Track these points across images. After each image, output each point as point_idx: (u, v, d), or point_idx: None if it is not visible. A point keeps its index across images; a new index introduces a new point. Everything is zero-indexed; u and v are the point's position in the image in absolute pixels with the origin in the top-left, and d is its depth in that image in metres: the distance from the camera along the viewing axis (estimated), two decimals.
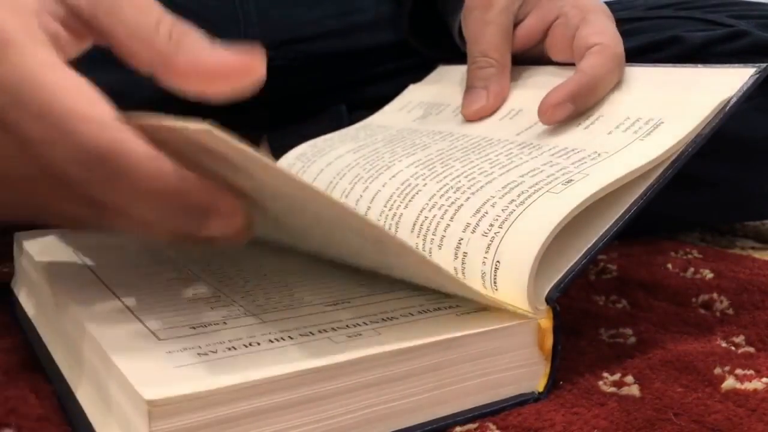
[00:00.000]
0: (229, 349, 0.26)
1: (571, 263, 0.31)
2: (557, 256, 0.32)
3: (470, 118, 0.44)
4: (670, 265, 0.50)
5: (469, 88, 0.45)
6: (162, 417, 0.23)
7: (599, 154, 0.34)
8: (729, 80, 0.36)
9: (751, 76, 0.36)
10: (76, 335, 0.30)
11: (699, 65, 0.38)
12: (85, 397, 0.28)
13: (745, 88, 0.35)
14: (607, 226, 0.32)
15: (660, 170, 0.33)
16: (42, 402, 0.29)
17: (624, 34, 0.43)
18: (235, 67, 0.26)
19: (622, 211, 0.32)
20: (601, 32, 0.43)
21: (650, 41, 0.55)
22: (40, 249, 0.38)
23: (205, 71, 0.26)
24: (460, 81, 0.48)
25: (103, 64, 0.43)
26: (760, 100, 0.52)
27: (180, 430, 0.23)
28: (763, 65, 0.36)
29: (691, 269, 0.49)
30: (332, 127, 0.53)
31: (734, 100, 0.35)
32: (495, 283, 0.31)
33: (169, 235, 0.27)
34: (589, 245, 0.31)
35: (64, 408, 0.28)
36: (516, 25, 0.46)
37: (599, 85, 0.40)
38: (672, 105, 0.36)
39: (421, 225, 0.34)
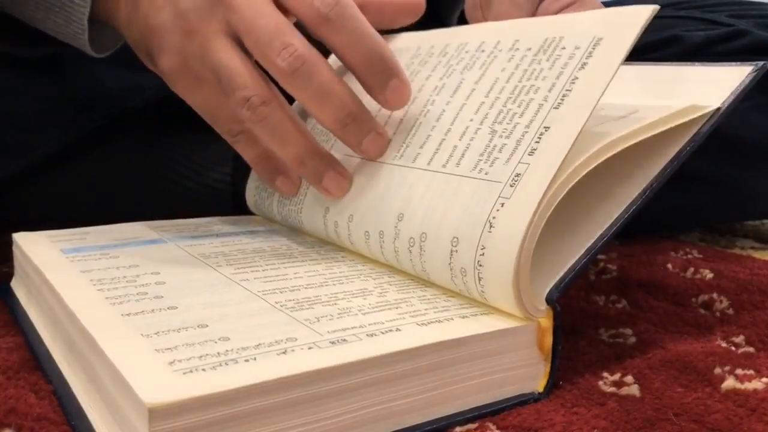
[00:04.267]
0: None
1: (571, 263, 0.31)
2: (557, 256, 0.32)
3: None
4: (670, 265, 0.50)
5: None
6: (162, 419, 0.23)
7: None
8: (727, 79, 0.36)
9: (749, 74, 0.36)
10: (75, 335, 0.30)
11: (696, 63, 0.38)
12: (84, 396, 0.28)
13: (742, 87, 0.35)
14: (607, 226, 0.32)
15: (660, 167, 0.33)
16: (41, 402, 0.29)
17: None
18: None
19: (622, 210, 0.32)
20: (582, 5, 0.43)
21: (649, 41, 0.55)
22: (39, 249, 0.38)
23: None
24: None
25: (108, 64, 0.43)
26: (759, 100, 0.52)
27: (180, 430, 0.23)
28: (761, 63, 0.36)
29: (691, 269, 0.49)
30: None
31: (732, 98, 0.35)
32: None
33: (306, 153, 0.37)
34: (589, 245, 0.31)
35: (64, 408, 0.28)
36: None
37: None
38: (676, 100, 0.36)
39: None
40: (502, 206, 0.30)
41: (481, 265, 0.30)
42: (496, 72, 0.36)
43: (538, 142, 0.31)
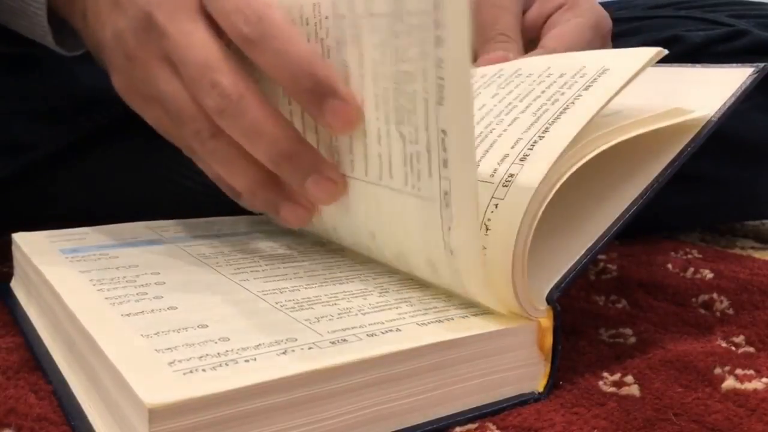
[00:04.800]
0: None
1: (571, 263, 0.31)
2: (557, 256, 0.32)
3: (483, 64, 0.43)
4: (670, 265, 0.50)
5: (489, 52, 0.45)
6: (162, 419, 0.23)
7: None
8: (727, 80, 0.36)
9: (750, 75, 0.35)
10: (74, 336, 0.30)
11: (697, 65, 0.38)
12: (84, 397, 0.28)
13: (743, 89, 0.35)
14: (607, 226, 0.32)
15: (661, 168, 0.33)
16: (41, 402, 0.29)
17: (624, 33, 0.43)
18: None
19: (622, 210, 0.32)
20: (576, 6, 0.43)
21: (650, 41, 0.55)
22: (37, 249, 0.38)
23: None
24: None
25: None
26: (760, 100, 0.52)
27: (180, 430, 0.23)
28: (762, 65, 0.36)
29: (691, 269, 0.49)
30: None
31: (732, 100, 0.35)
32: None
33: (257, 184, 0.35)
34: (589, 245, 0.31)
35: (64, 408, 0.28)
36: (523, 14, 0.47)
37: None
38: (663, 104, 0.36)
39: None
40: (449, 230, 0.29)
41: (464, 286, 0.30)
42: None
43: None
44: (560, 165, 0.30)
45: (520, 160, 0.31)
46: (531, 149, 0.31)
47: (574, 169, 0.30)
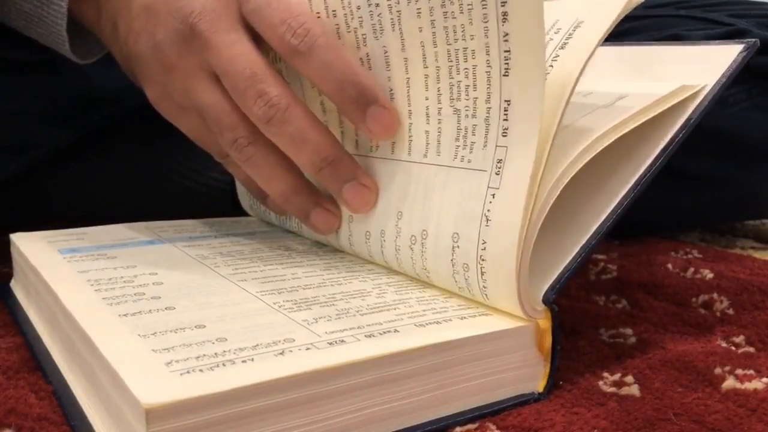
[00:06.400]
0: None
1: (566, 264, 0.31)
2: (551, 256, 0.31)
3: None
4: (670, 265, 0.50)
5: None
6: (159, 419, 0.23)
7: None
8: (717, 58, 0.35)
9: (740, 52, 0.35)
10: (73, 336, 0.30)
11: (687, 42, 0.38)
12: (83, 397, 0.28)
13: (735, 65, 0.35)
14: (600, 222, 0.32)
15: (651, 158, 0.33)
16: (41, 402, 0.29)
17: (624, 32, 0.43)
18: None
19: (615, 205, 0.32)
20: None
21: (650, 40, 0.55)
22: (36, 249, 0.38)
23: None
24: None
25: (108, 64, 0.43)
26: (759, 100, 0.52)
27: (177, 430, 0.23)
28: (751, 41, 0.35)
29: (691, 269, 0.49)
30: None
31: (724, 80, 0.35)
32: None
33: (292, 190, 0.36)
34: (583, 243, 0.31)
35: (64, 408, 0.28)
36: None
37: None
38: (664, 83, 0.36)
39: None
40: (494, 197, 0.30)
41: (483, 260, 0.30)
42: None
43: (506, 120, 0.30)
44: (558, 161, 0.30)
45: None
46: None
47: (588, 158, 0.30)
